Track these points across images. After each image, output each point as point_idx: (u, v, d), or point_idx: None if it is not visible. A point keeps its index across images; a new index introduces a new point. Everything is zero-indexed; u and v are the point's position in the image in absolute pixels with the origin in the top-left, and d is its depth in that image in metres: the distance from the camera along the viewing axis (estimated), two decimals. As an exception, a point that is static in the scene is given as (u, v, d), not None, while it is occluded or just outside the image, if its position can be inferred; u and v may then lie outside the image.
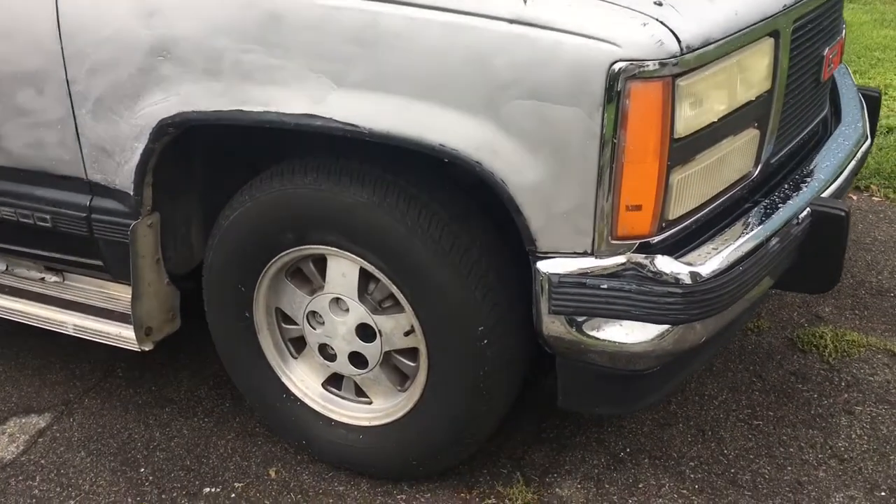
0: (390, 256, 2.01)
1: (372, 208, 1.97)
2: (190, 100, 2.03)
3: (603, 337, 1.85)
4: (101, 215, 2.32)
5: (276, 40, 1.89)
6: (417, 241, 1.96)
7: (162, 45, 2.00)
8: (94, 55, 2.10)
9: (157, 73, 2.04)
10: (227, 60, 1.95)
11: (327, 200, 2.02)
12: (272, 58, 1.91)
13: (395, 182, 2.00)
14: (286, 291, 2.27)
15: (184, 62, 2.00)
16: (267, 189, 2.11)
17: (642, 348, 1.84)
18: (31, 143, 2.31)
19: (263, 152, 2.37)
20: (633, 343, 1.84)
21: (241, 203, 2.16)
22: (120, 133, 2.16)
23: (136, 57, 2.05)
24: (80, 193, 2.34)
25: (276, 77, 1.92)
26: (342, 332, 2.20)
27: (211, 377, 2.84)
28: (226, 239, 2.21)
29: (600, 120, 1.69)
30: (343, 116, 1.87)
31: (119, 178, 2.23)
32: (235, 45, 1.93)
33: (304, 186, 2.05)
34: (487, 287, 1.99)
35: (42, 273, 2.76)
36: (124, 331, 2.46)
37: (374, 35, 1.80)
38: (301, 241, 2.12)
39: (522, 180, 1.79)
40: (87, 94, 2.15)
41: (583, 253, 1.82)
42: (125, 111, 2.12)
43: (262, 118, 1.96)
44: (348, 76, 1.85)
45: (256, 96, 1.95)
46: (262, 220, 2.13)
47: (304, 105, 1.91)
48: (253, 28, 1.91)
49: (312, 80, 1.88)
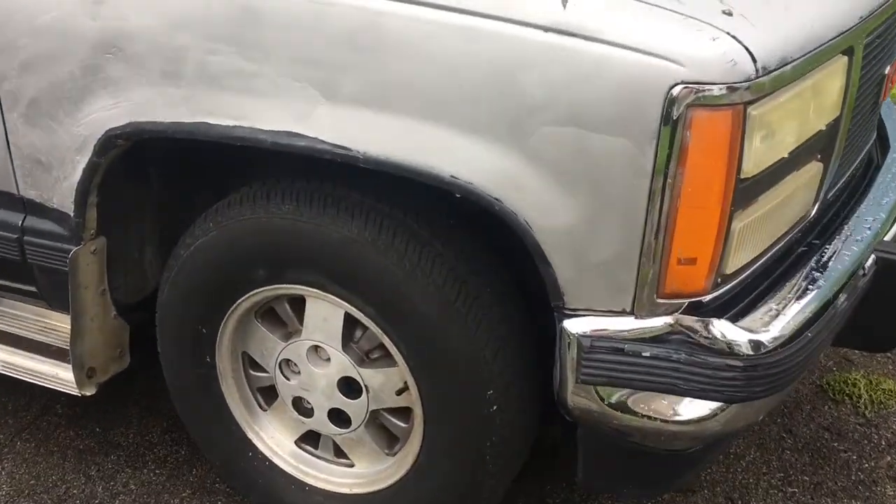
0: (383, 303, 1.68)
1: (363, 246, 1.64)
2: (144, 108, 1.67)
3: (641, 413, 1.53)
4: (36, 238, 1.96)
5: (252, 40, 1.54)
6: (417, 288, 1.63)
7: (111, 39, 1.65)
8: (28, 47, 1.73)
9: (104, 74, 1.68)
10: (191, 62, 1.60)
11: (309, 234, 1.68)
12: (246, 61, 1.56)
13: (391, 215, 1.66)
14: (256, 335, 1.92)
15: (137, 62, 1.64)
16: (236, 216, 1.76)
17: (688, 428, 1.53)
18: (-48, 150, 1.94)
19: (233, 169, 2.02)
20: (676, 421, 1.53)
21: (204, 231, 1.81)
22: (58, 143, 1.80)
23: (78, 52, 1.68)
24: (11, 211, 1.97)
25: (251, 85, 1.57)
26: (321, 386, 1.86)
27: (165, 416, 2.48)
28: (185, 271, 1.86)
29: (652, 154, 1.37)
30: (332, 137, 1.53)
31: (57, 197, 1.87)
32: (200, 43, 1.58)
33: (281, 216, 1.70)
34: (499, 344, 1.66)
35: (-28, 297, 2.38)
36: (62, 371, 2.10)
37: (373, 39, 1.46)
38: (275, 279, 1.78)
39: (551, 223, 1.46)
40: (18, 94, 1.78)
41: (620, 312, 1.50)
42: (65, 117, 1.76)
43: (232, 134, 1.61)
44: (340, 88, 1.50)
45: (225, 107, 1.60)
46: (230, 253, 1.79)
47: (284, 120, 1.56)
48: (223, 24, 1.56)
49: (296, 90, 1.54)
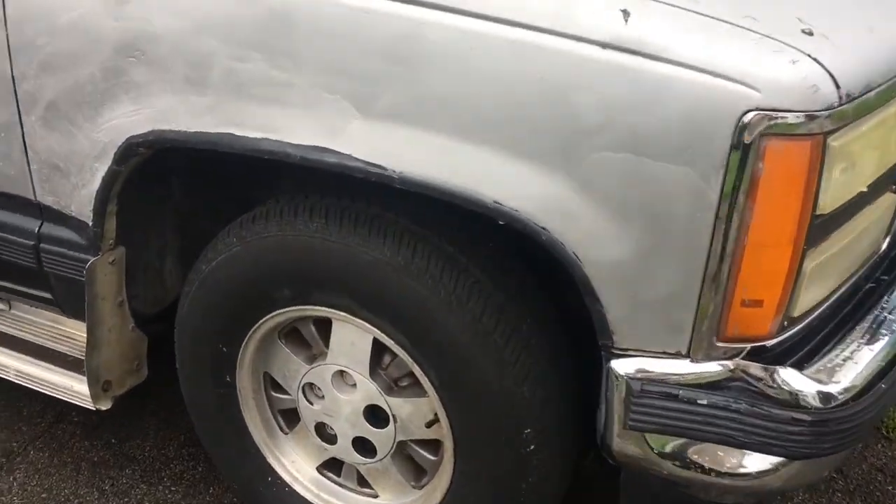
0: (415, 331, 1.56)
1: (395, 270, 1.52)
2: (167, 115, 1.57)
3: (693, 464, 1.41)
4: (53, 246, 1.87)
5: (283, 48, 1.43)
6: (452, 317, 1.51)
7: (134, 42, 1.54)
8: (48, 47, 1.63)
9: (126, 78, 1.58)
10: (217, 68, 1.49)
11: (338, 255, 1.57)
12: (276, 69, 1.45)
13: (426, 237, 1.54)
14: (279, 356, 1.82)
15: (161, 66, 1.54)
16: (261, 232, 1.65)
17: (744, 483, 1.40)
18: (-32, 152, 1.85)
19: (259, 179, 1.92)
20: (732, 475, 1.40)
21: (227, 245, 1.70)
22: (77, 149, 1.70)
23: (100, 54, 1.58)
24: (28, 217, 1.88)
25: (281, 95, 1.46)
26: (346, 413, 1.75)
27: (182, 430, 2.38)
28: (206, 287, 1.75)
29: (719, 185, 1.24)
30: (366, 154, 1.42)
31: (75, 204, 1.77)
32: (228, 49, 1.47)
33: (308, 234, 1.59)
34: (539, 379, 1.54)
35: (-18, 297, 2.30)
36: (77, 383, 2.01)
37: (414, 50, 1.34)
38: (301, 299, 1.67)
39: (602, 256, 1.34)
40: (37, 96, 1.69)
41: (674, 354, 1.37)
42: (85, 122, 1.66)
43: (259, 147, 1.50)
44: (376, 101, 1.39)
45: (252, 118, 1.49)
46: (254, 270, 1.68)
47: (314, 134, 1.45)
48: (252, 29, 1.45)
49: (328, 102, 1.42)
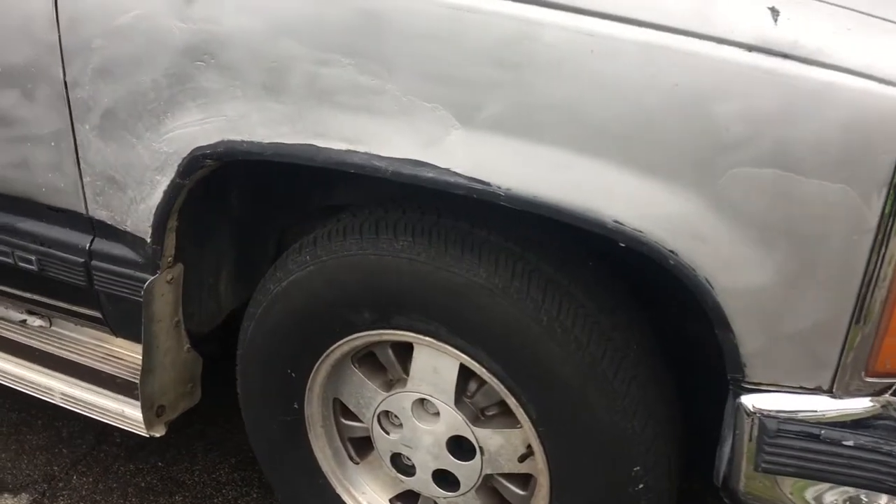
0: (513, 360, 1.43)
1: (492, 294, 1.39)
2: (239, 125, 1.43)
3: (834, 510, 1.28)
4: (105, 263, 1.73)
5: (374, 51, 1.29)
6: (556, 345, 1.38)
7: (203, 45, 1.41)
8: (105, 50, 1.50)
9: (193, 84, 1.45)
10: (298, 74, 1.36)
11: (427, 277, 1.43)
12: (365, 75, 1.31)
13: (524, 258, 1.41)
14: (351, 381, 1.69)
15: (234, 72, 1.40)
16: (339, 251, 1.52)
17: (892, 530, 1.28)
18: (13, 163, 1.72)
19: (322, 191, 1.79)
20: (878, 522, 1.27)
21: (299, 265, 1.57)
22: (136, 160, 1.57)
23: (164, 58, 1.45)
24: (78, 232, 1.75)
25: (370, 103, 1.32)
26: (427, 443, 1.62)
27: (234, 452, 2.26)
28: (275, 309, 1.62)
29: (880, 206, 1.11)
30: (468, 168, 1.28)
31: (132, 219, 1.64)
32: (311, 53, 1.34)
33: (393, 254, 1.46)
34: (649, 412, 1.41)
35: (23, 314, 2.17)
36: (129, 408, 1.88)
37: (526, 54, 1.21)
38: (381, 323, 1.54)
39: (738, 283, 1.20)
40: (91, 103, 1.56)
41: (814, 389, 1.24)
42: (145, 132, 1.53)
43: (344, 160, 1.37)
44: (480, 110, 1.25)
45: (338, 128, 1.36)
46: (329, 292, 1.55)
47: (408, 146, 1.32)
48: (339, 31, 1.31)
49: (425, 111, 1.29)
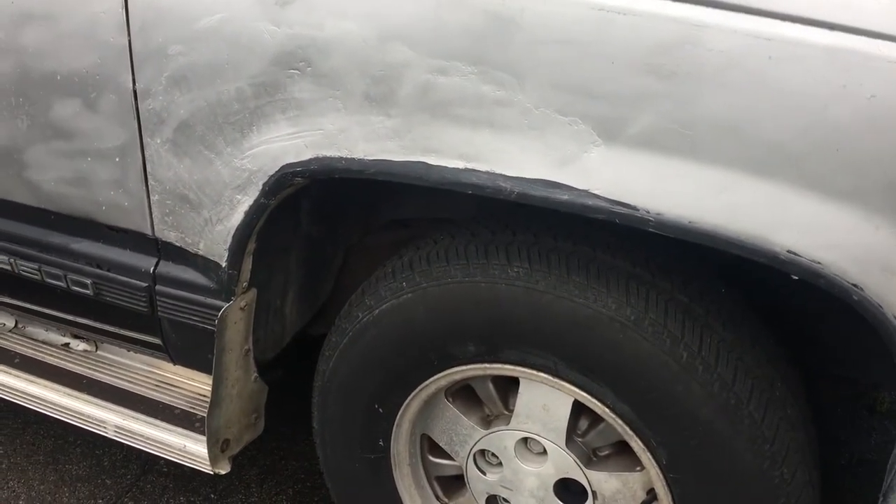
0: (644, 400, 1.29)
1: (623, 328, 1.25)
2: (337, 139, 1.29)
3: None
4: (171, 288, 1.59)
5: (502, 58, 1.15)
6: (696, 384, 1.24)
7: (298, 51, 1.26)
8: (182, 57, 1.35)
9: (284, 95, 1.30)
10: (408, 83, 1.21)
11: (547, 307, 1.29)
12: (490, 85, 1.17)
13: (657, 286, 1.28)
14: (444, 416, 1.54)
15: (334, 81, 1.26)
16: (441, 277, 1.37)
17: None
18: (69, 179, 1.57)
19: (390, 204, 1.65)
20: None
21: (394, 292, 1.43)
22: (213, 178, 1.42)
23: (252, 66, 1.30)
24: (142, 254, 1.60)
25: (495, 117, 1.18)
26: (531, 486, 1.48)
27: (290, 481, 2.12)
28: (364, 340, 1.48)
29: None
30: (610, 190, 1.14)
31: (205, 242, 1.50)
32: (425, 60, 1.19)
33: (505, 281, 1.32)
34: (798, 458, 1.27)
35: (66, 337, 2.02)
36: (191, 443, 1.73)
37: (687, 61, 1.06)
38: (487, 357, 1.39)
39: (930, 321, 1.07)
40: (164, 114, 1.41)
41: None
42: (226, 147, 1.38)
43: (461, 179, 1.22)
44: (627, 125, 1.11)
45: (454, 144, 1.21)
46: (429, 322, 1.40)
47: (539, 165, 1.17)
48: (459, 35, 1.16)
49: (560, 126, 1.15)
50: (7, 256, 1.74)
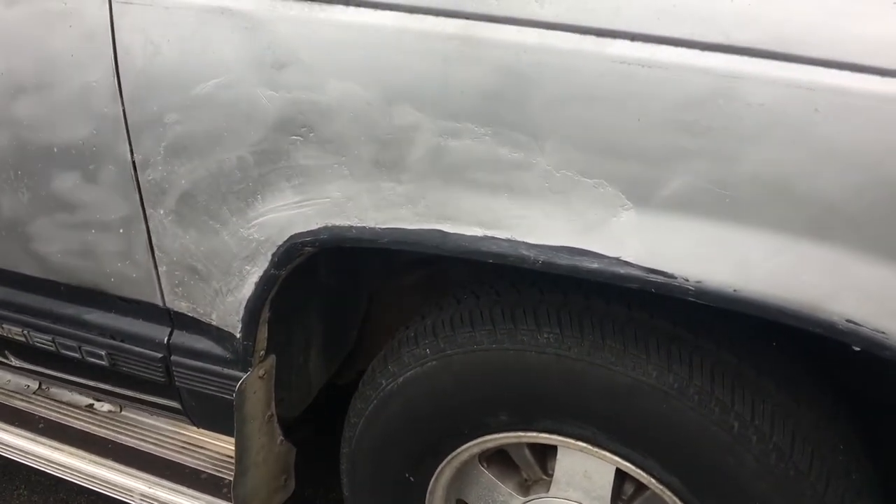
0: (694, 473, 1.19)
1: (666, 397, 1.15)
2: (345, 207, 1.20)
3: None
4: (187, 359, 1.52)
5: (518, 118, 1.05)
6: (751, 456, 1.14)
7: (300, 116, 1.17)
8: (179, 126, 1.27)
9: (287, 162, 1.22)
10: (420, 148, 1.12)
11: (581, 376, 1.20)
12: (507, 147, 1.07)
13: (700, 347, 1.17)
14: (479, 482, 1.46)
15: (339, 146, 1.17)
16: (466, 343, 1.28)
17: None
18: (76, 251, 1.50)
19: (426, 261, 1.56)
20: None
21: (417, 359, 1.34)
22: (220, 249, 1.34)
23: (251, 133, 1.22)
24: (155, 324, 1.54)
25: (514, 180, 1.08)
26: (575, 555, 1.39)
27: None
28: (390, 408, 1.39)
29: None
30: (644, 257, 1.04)
31: (218, 313, 1.42)
32: (436, 122, 1.10)
33: (535, 348, 1.22)
34: (868, 530, 1.17)
35: (90, 399, 1.97)
36: (217, 508, 1.67)
37: (723, 116, 0.95)
38: (521, 426, 1.30)
39: None
40: (165, 185, 1.33)
41: None
42: (231, 216, 1.30)
43: (480, 248, 1.13)
44: (660, 187, 1.01)
45: (471, 211, 1.12)
46: (457, 391, 1.32)
47: (562, 231, 1.08)
48: (471, 95, 1.07)
49: (586, 189, 1.05)
50: (21, 328, 1.69)
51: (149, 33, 1.24)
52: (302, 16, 1.14)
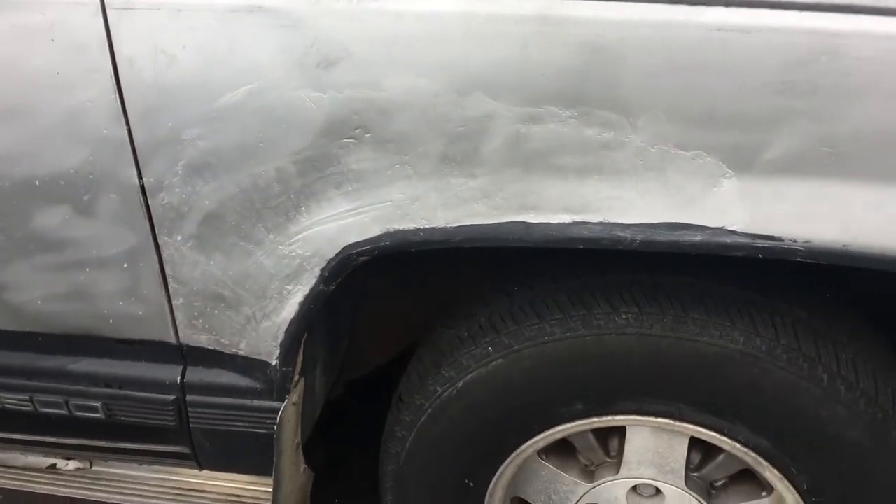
0: (785, 431, 1.21)
1: (756, 360, 1.16)
2: (412, 209, 1.12)
3: None
4: (205, 396, 1.38)
5: (606, 95, 1.01)
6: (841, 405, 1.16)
7: (354, 117, 1.08)
8: (202, 142, 1.14)
9: (338, 168, 1.12)
10: (497, 137, 1.06)
11: (666, 352, 1.18)
12: (594, 127, 1.03)
13: (777, 309, 1.19)
14: (539, 476, 1.42)
15: (401, 145, 1.09)
16: (537, 336, 1.24)
17: None
18: (62, 295, 1.33)
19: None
20: None
21: (479, 359, 1.28)
22: (255, 270, 1.22)
23: (293, 140, 1.11)
24: (162, 364, 1.39)
25: (604, 161, 1.05)
26: (648, 533, 1.39)
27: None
28: (447, 414, 1.33)
29: None
30: (749, 224, 1.03)
31: (248, 341, 1.30)
32: (514, 109, 1.04)
33: (616, 330, 1.20)
34: (946, 458, 1.22)
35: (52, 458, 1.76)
36: (243, 555, 1.54)
37: (828, 73, 0.96)
38: (598, 411, 1.28)
39: None
40: (185, 208, 1.20)
41: None
42: (267, 234, 1.19)
43: (570, 234, 1.08)
44: (763, 151, 1.00)
45: (557, 197, 1.08)
46: (528, 386, 1.27)
47: (662, 208, 1.05)
48: (554, 76, 1.02)
49: (683, 162, 1.03)
50: (-14, 391, 1.48)
51: (158, 41, 1.10)
52: (350, 8, 1.05)
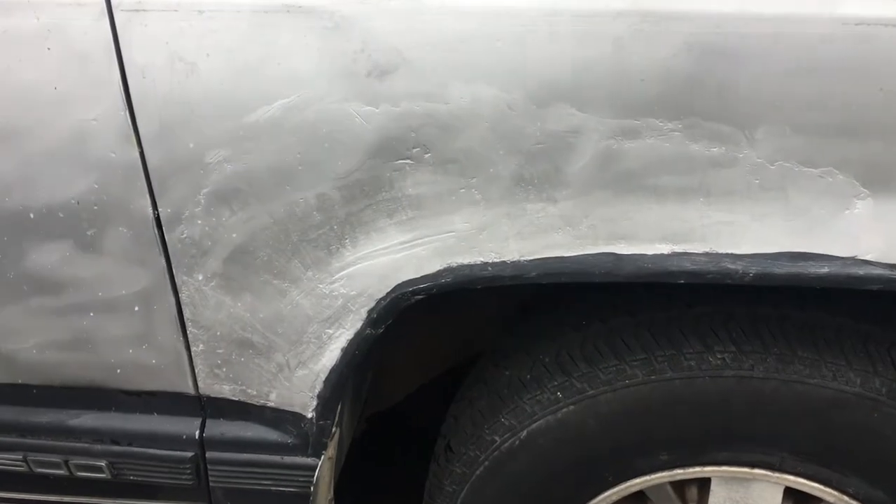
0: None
1: (875, 404, 1.00)
2: (478, 241, 0.96)
3: None
4: (228, 452, 1.21)
5: (716, 104, 0.86)
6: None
7: (409, 135, 0.92)
8: (230, 165, 0.97)
9: (392, 193, 0.95)
10: (583, 155, 0.90)
11: (770, 396, 1.02)
12: (702, 142, 0.87)
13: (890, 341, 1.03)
14: (609, 530, 1.26)
15: (465, 166, 0.92)
16: (615, 380, 1.08)
17: None
18: (61, 343, 1.15)
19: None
20: None
21: (546, 406, 1.12)
22: (289, 312, 1.05)
23: (339, 163, 0.94)
24: (178, 417, 1.21)
25: (711, 181, 0.89)
26: (733, 590, 1.23)
27: None
28: (508, 467, 1.16)
29: None
30: (888, 253, 0.88)
31: (279, 391, 1.13)
32: (604, 121, 0.88)
33: (710, 372, 1.04)
34: None
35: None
36: None
37: None
38: (683, 462, 1.12)
39: None
40: (207, 242, 1.02)
41: None
42: (305, 272, 1.02)
43: (669, 268, 0.93)
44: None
45: (653, 223, 0.92)
46: (604, 436, 1.11)
47: (781, 235, 0.90)
48: (654, 82, 0.86)
49: (810, 181, 0.87)
50: (-27, 450, 1.30)
51: (175, 48, 0.93)
52: (407, 7, 0.88)
